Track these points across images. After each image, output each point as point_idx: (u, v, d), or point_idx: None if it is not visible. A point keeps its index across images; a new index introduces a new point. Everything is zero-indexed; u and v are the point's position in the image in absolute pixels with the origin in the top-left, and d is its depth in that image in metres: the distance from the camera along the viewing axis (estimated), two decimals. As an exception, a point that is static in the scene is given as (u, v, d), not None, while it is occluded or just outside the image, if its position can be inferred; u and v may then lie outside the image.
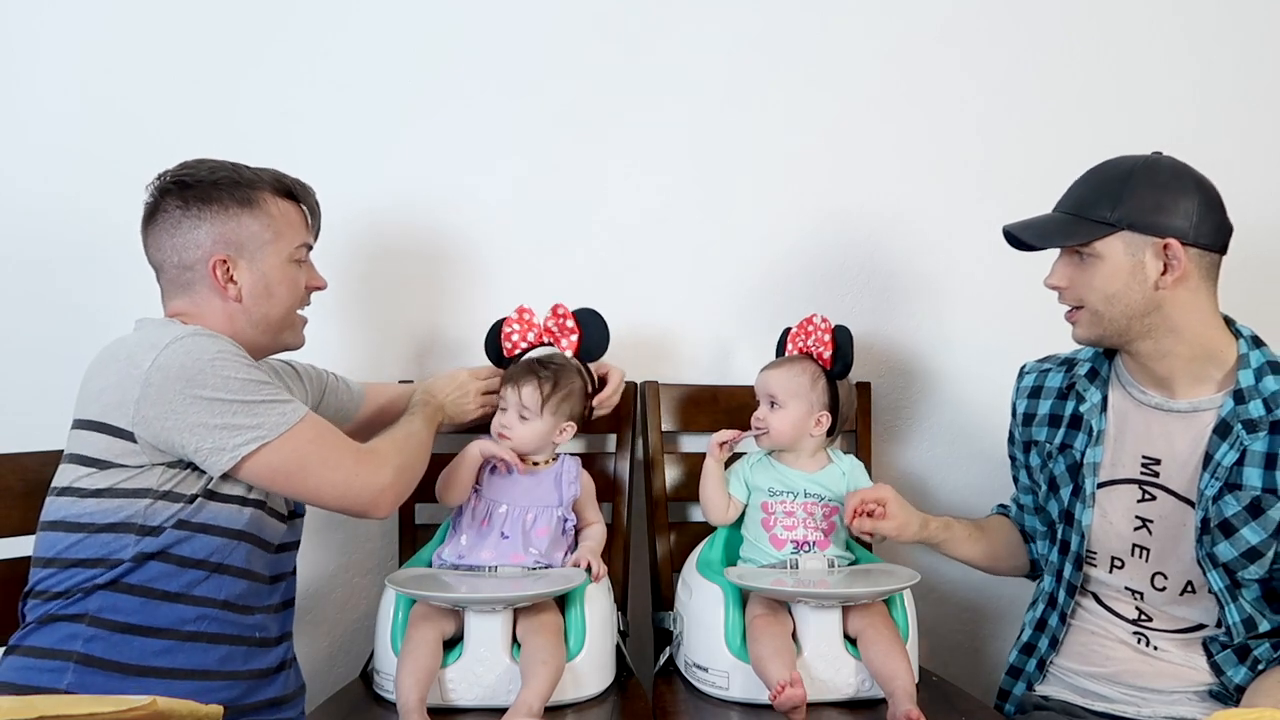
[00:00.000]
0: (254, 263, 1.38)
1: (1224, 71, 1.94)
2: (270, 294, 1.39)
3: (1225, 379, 1.40)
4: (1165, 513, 1.43)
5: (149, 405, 1.24)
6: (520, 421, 1.58)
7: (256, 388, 1.28)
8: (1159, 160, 1.41)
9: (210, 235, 1.36)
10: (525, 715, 1.35)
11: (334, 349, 1.85)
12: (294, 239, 1.42)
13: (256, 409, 1.27)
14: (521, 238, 1.88)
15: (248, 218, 1.37)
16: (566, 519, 1.61)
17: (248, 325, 1.39)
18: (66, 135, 1.81)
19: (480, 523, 1.58)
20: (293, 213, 1.43)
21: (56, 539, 1.28)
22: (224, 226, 1.36)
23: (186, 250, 1.36)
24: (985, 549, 1.63)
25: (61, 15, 1.80)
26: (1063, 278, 1.43)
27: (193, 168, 1.38)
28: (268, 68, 1.83)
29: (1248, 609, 1.39)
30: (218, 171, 1.38)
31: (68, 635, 1.25)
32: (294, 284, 1.42)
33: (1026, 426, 1.58)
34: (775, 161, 1.90)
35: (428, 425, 1.52)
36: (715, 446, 1.61)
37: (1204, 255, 1.38)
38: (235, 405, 1.26)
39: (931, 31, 1.91)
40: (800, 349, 1.65)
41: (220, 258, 1.36)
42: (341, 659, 1.86)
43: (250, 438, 1.27)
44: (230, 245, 1.36)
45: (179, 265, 1.36)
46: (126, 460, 1.27)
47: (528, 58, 1.86)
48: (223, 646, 1.31)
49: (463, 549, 1.57)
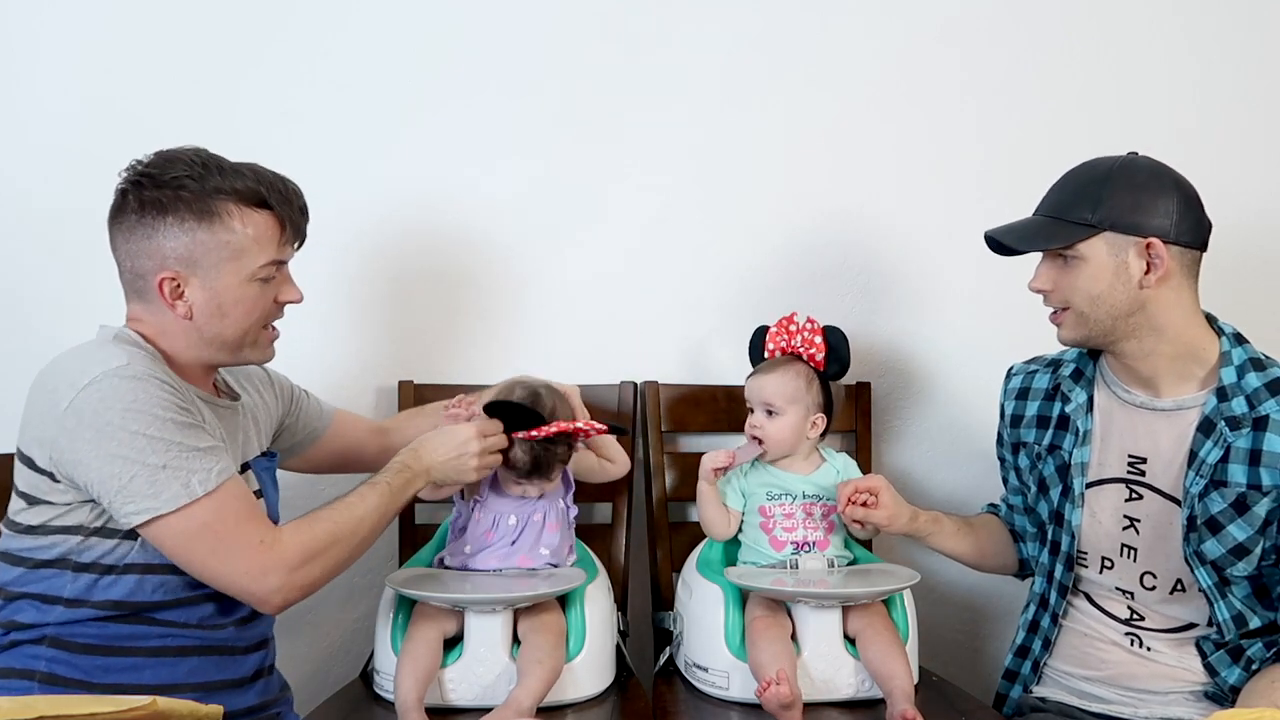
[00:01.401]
0: (207, 281, 1.27)
1: (1224, 71, 1.94)
2: (223, 314, 1.29)
3: (1208, 377, 1.41)
4: (1152, 511, 1.43)
5: (62, 450, 1.19)
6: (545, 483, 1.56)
7: (164, 448, 1.19)
8: (1135, 160, 1.41)
9: (162, 249, 1.26)
10: (515, 713, 1.34)
11: (332, 349, 1.85)
12: (258, 258, 1.29)
13: (158, 477, 1.18)
14: (522, 237, 1.88)
15: (205, 233, 1.26)
16: (570, 507, 1.61)
17: (201, 342, 1.30)
18: (66, 135, 1.80)
19: (484, 534, 1.55)
20: (263, 227, 1.30)
21: (4, 569, 1.25)
22: (177, 241, 1.26)
23: (138, 259, 1.28)
24: (973, 545, 1.63)
25: (61, 15, 1.80)
26: (1047, 280, 1.43)
27: (159, 166, 1.27)
28: (268, 68, 1.83)
29: (1237, 606, 1.40)
30: (183, 176, 1.26)
31: (30, 656, 1.22)
32: (253, 304, 1.31)
33: (1015, 428, 1.59)
34: (775, 161, 1.90)
35: (391, 498, 1.36)
36: (710, 472, 1.56)
37: (1185, 253, 1.38)
38: (136, 468, 1.18)
39: (931, 31, 1.91)
40: (783, 349, 1.62)
41: (169, 274, 1.26)
42: (341, 659, 1.87)
43: (144, 508, 1.18)
44: (182, 261, 1.26)
45: (132, 271, 1.29)
46: (53, 497, 1.22)
47: (528, 58, 1.86)
48: (191, 659, 1.27)
49: (465, 557, 1.56)
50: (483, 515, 1.56)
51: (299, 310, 1.82)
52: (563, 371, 1.69)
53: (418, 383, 1.82)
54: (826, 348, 1.59)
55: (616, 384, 1.84)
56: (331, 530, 1.29)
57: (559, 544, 1.57)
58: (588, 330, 1.89)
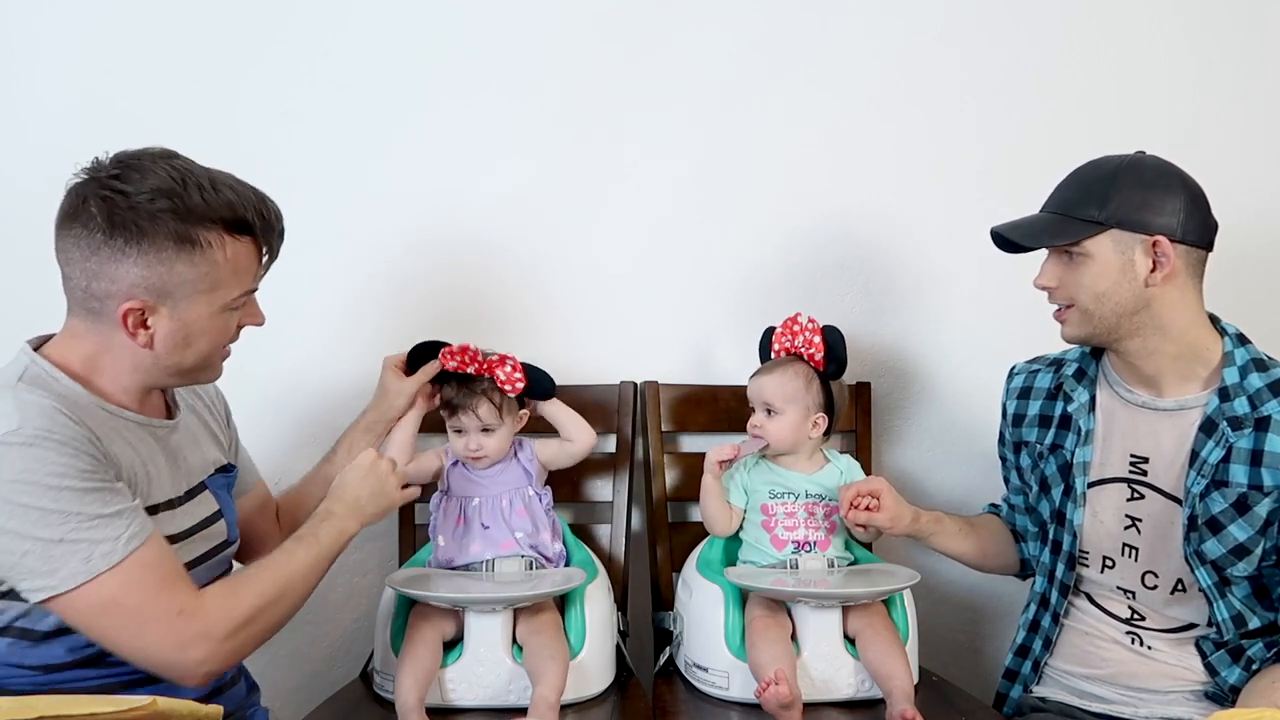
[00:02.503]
0: (177, 311, 1.17)
1: (1224, 71, 1.94)
2: (188, 344, 1.20)
3: (1211, 377, 1.41)
4: (1154, 511, 1.43)
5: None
6: (485, 435, 1.58)
7: (59, 521, 1.07)
8: (1143, 159, 1.41)
9: (131, 276, 1.14)
10: (547, 711, 1.35)
11: (331, 349, 1.85)
12: (235, 288, 1.20)
13: (53, 553, 1.07)
14: (521, 237, 1.88)
15: (183, 263, 1.15)
16: (540, 495, 1.62)
17: (154, 368, 1.21)
18: (66, 135, 1.80)
19: (455, 521, 1.58)
20: (244, 256, 1.20)
21: None
22: (150, 270, 1.14)
23: (99, 280, 1.15)
24: (974, 545, 1.63)
25: (61, 15, 1.80)
26: (1052, 277, 1.43)
27: (131, 180, 1.14)
28: (267, 68, 1.83)
29: (1237, 606, 1.40)
30: (160, 197, 1.13)
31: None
32: (220, 333, 1.23)
33: (1017, 427, 1.58)
34: (775, 161, 1.90)
35: (321, 550, 1.27)
36: (715, 465, 1.58)
37: (1191, 252, 1.38)
38: (29, 543, 1.07)
39: (931, 31, 1.91)
40: (786, 349, 1.63)
41: (135, 305, 1.15)
42: (341, 659, 1.87)
43: (40, 586, 1.08)
44: (153, 291, 1.15)
45: (86, 291, 1.16)
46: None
47: (528, 58, 1.86)
48: (139, 690, 1.16)
49: (447, 551, 1.57)
50: (449, 504, 1.60)
51: (299, 311, 1.83)
52: (563, 371, 1.69)
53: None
54: (825, 347, 1.60)
55: (616, 384, 1.84)
56: (260, 593, 1.19)
57: (533, 528, 1.59)
58: (588, 330, 1.89)
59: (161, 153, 1.19)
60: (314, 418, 1.85)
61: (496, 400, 1.57)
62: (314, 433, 1.83)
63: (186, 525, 1.27)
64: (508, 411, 1.59)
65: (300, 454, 1.80)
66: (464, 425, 1.58)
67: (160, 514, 1.23)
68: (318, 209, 1.82)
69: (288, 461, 1.81)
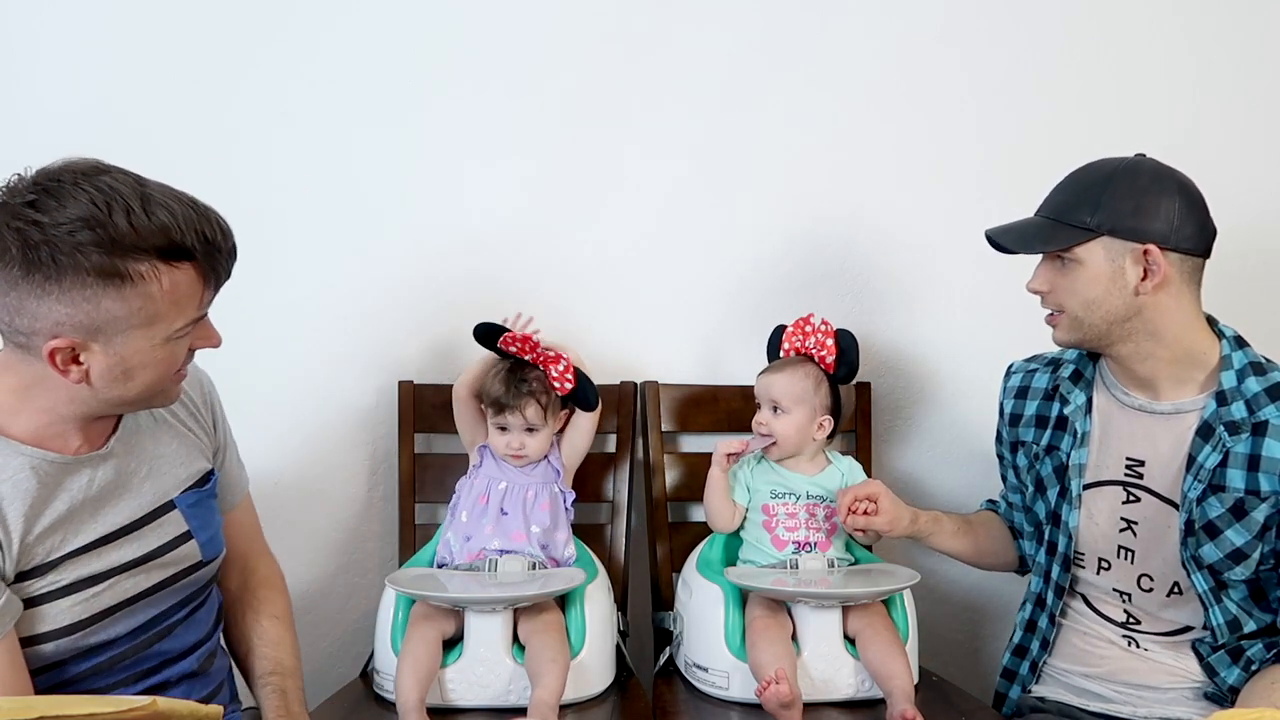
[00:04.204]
0: (111, 346, 1.05)
1: (1223, 71, 1.94)
2: (130, 377, 1.09)
3: (1208, 380, 1.39)
4: (1149, 514, 1.43)
5: None
6: (529, 434, 1.61)
7: None
8: (1141, 163, 1.39)
9: (55, 314, 1.01)
10: (546, 713, 1.35)
11: (331, 349, 1.85)
12: (177, 319, 1.08)
13: None
14: (522, 237, 1.88)
15: (110, 299, 1.02)
16: (565, 494, 1.64)
17: (94, 401, 1.10)
18: (66, 135, 1.80)
19: (479, 499, 1.60)
20: (184, 283, 1.06)
21: None
22: (75, 308, 1.01)
23: (21, 317, 1.03)
24: (973, 543, 1.63)
25: (61, 15, 1.80)
26: (1044, 282, 1.42)
27: (49, 210, 1.00)
28: (266, 68, 1.83)
29: (1232, 610, 1.39)
30: (81, 227, 1.00)
31: None
32: (165, 364, 1.11)
33: (1014, 427, 1.58)
34: (775, 161, 1.90)
35: None
36: (722, 457, 1.59)
37: (1185, 259, 1.36)
38: None
39: (931, 31, 1.91)
40: (797, 349, 1.64)
41: (62, 343, 1.03)
42: (341, 659, 1.86)
43: None
44: (80, 329, 1.03)
45: (11, 326, 1.05)
46: None
47: (528, 57, 1.86)
48: None
49: (464, 526, 1.59)
50: (476, 481, 1.63)
51: (298, 311, 1.83)
52: (563, 371, 1.69)
53: (418, 383, 1.82)
54: (837, 350, 1.60)
55: (617, 384, 1.84)
56: None
57: (550, 525, 1.60)
58: (588, 330, 1.88)
59: (87, 168, 1.06)
60: (313, 417, 1.85)
61: (544, 401, 1.60)
62: (313, 433, 1.83)
63: (143, 551, 1.19)
64: (552, 413, 1.62)
65: (298, 455, 1.80)
66: (509, 424, 1.60)
67: (105, 546, 1.15)
68: (316, 209, 1.82)
69: (283, 464, 1.81)
